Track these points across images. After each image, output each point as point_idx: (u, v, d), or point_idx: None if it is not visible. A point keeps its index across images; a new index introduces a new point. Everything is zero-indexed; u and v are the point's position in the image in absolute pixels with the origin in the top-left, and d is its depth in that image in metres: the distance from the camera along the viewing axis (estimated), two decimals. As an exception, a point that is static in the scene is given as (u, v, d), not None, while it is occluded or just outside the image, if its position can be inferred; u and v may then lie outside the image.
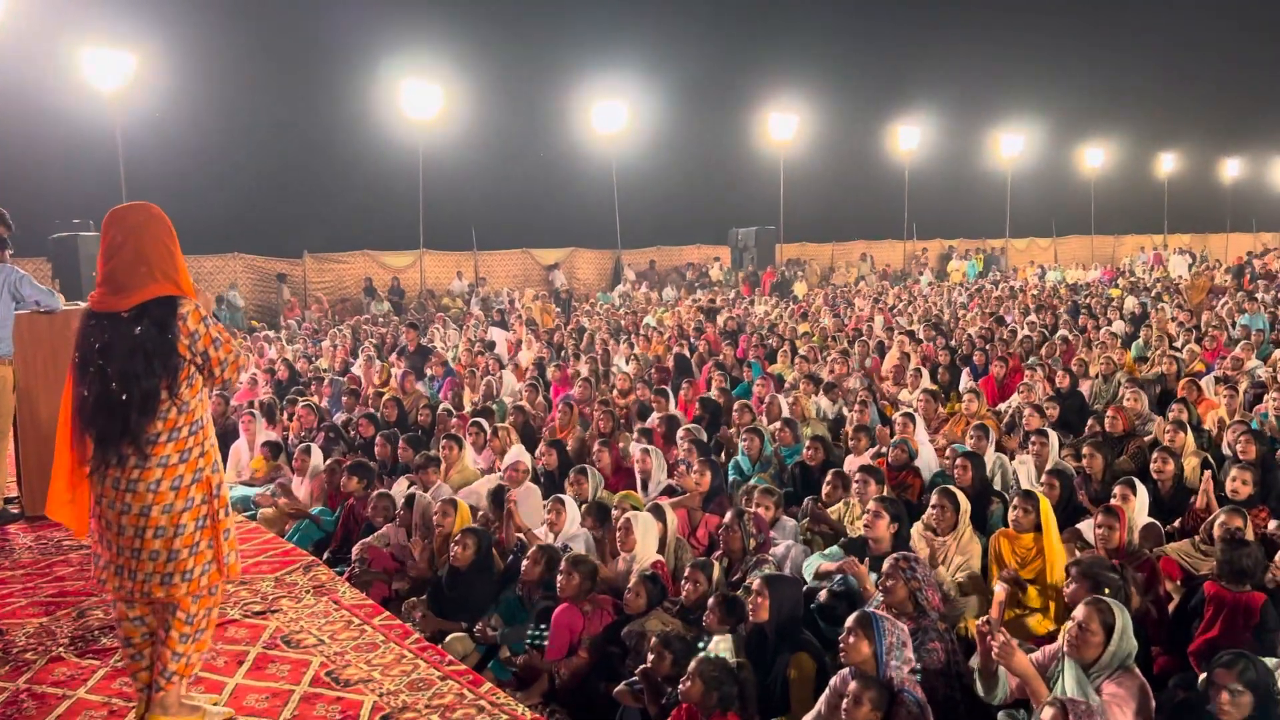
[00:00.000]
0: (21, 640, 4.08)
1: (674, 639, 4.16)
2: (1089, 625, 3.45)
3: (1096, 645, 3.43)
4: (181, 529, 3.13)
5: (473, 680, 3.71)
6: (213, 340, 3.17)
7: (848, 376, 10.31)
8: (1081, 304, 17.00)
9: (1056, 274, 29.18)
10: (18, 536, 5.66)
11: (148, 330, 3.06)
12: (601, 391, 9.89)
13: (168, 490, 3.10)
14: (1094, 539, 4.86)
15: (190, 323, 3.12)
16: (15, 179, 18.03)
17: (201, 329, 3.14)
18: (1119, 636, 3.43)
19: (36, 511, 5.98)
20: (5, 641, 4.07)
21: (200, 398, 3.20)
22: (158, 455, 3.09)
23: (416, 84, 24.58)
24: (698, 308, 18.70)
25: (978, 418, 7.88)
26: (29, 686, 3.65)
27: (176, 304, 3.12)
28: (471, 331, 16.69)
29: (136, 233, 3.14)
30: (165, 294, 3.11)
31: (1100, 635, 3.43)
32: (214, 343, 3.18)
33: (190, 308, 3.14)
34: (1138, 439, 6.98)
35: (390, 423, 8.80)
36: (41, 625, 4.24)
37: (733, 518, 5.27)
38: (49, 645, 4.02)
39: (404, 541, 5.94)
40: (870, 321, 16.00)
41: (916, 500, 6.20)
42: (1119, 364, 9.90)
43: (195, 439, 3.17)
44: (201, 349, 3.14)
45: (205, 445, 3.21)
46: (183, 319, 3.11)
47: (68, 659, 3.89)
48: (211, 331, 3.18)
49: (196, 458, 3.16)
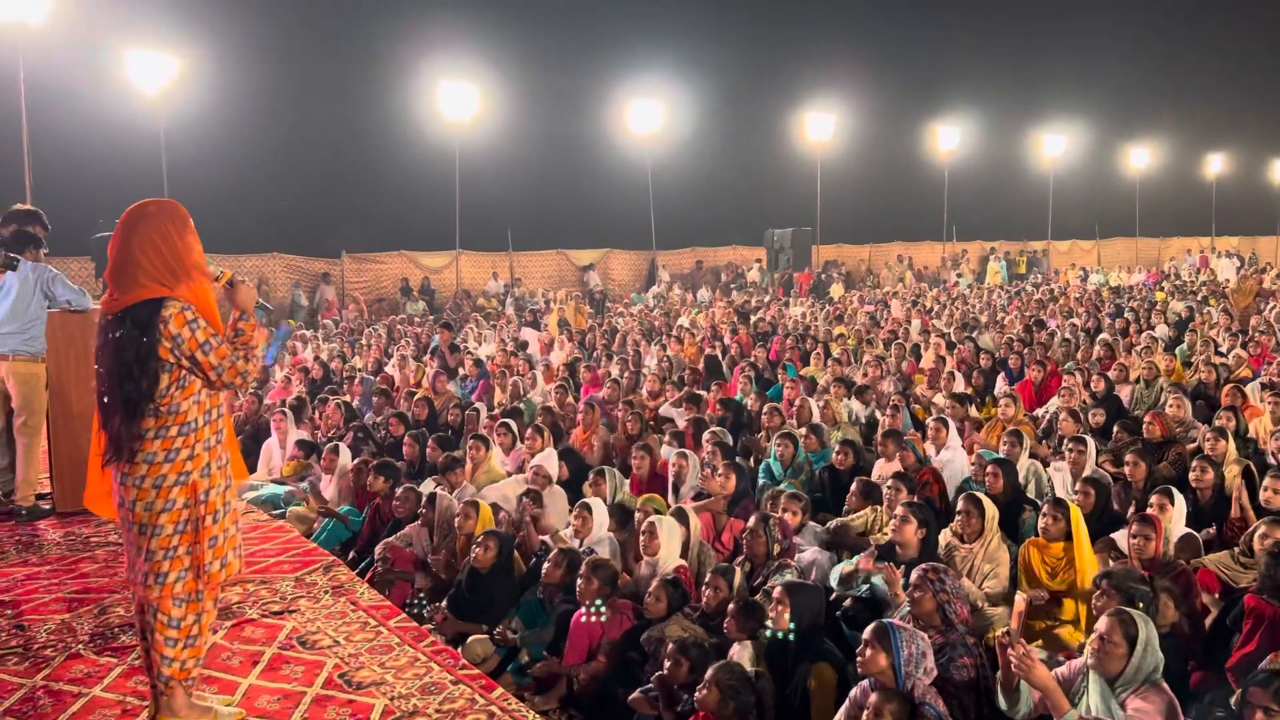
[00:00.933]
0: (43, 636, 4.11)
1: (692, 645, 4.09)
2: (1111, 636, 3.35)
3: (1119, 657, 3.33)
4: (158, 530, 3.11)
5: (485, 685, 3.67)
6: (199, 345, 3.08)
7: (881, 379, 10.17)
8: (1125, 307, 16.67)
9: (1099, 276, 28.68)
10: (47, 532, 5.72)
11: (129, 334, 3.03)
12: (631, 392, 9.84)
13: (149, 488, 3.09)
14: (1128, 549, 4.71)
15: (173, 326, 3.05)
16: (60, 179, 18.38)
17: (185, 333, 3.06)
18: (1142, 649, 3.32)
19: (67, 507, 6.07)
20: (26, 637, 4.10)
21: (197, 400, 3.15)
22: (144, 451, 3.08)
23: (453, 85, 24.71)
24: (733, 309, 18.60)
25: (1013, 423, 7.72)
26: (46, 683, 3.67)
27: (160, 307, 3.05)
28: (505, 332, 16.72)
29: (126, 233, 3.11)
30: (150, 297, 3.06)
31: (1123, 647, 3.33)
32: (202, 347, 3.09)
33: (175, 310, 3.06)
34: (1178, 446, 6.79)
35: (420, 422, 8.82)
36: (63, 622, 4.27)
37: (757, 522, 5.18)
38: (69, 642, 4.05)
39: (426, 541, 5.93)
40: (906, 324, 15.80)
41: (940, 505, 6.08)
42: (1161, 369, 9.67)
43: (185, 441, 3.12)
44: (188, 353, 3.07)
45: (196, 449, 3.14)
46: (164, 322, 3.04)
47: (86, 656, 3.91)
48: (198, 335, 3.08)
49: (184, 460, 3.11)
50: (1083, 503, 5.42)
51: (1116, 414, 8.56)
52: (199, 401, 3.16)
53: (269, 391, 11.60)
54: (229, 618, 4.36)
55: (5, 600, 4.54)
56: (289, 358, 13.98)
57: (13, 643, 4.04)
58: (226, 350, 3.14)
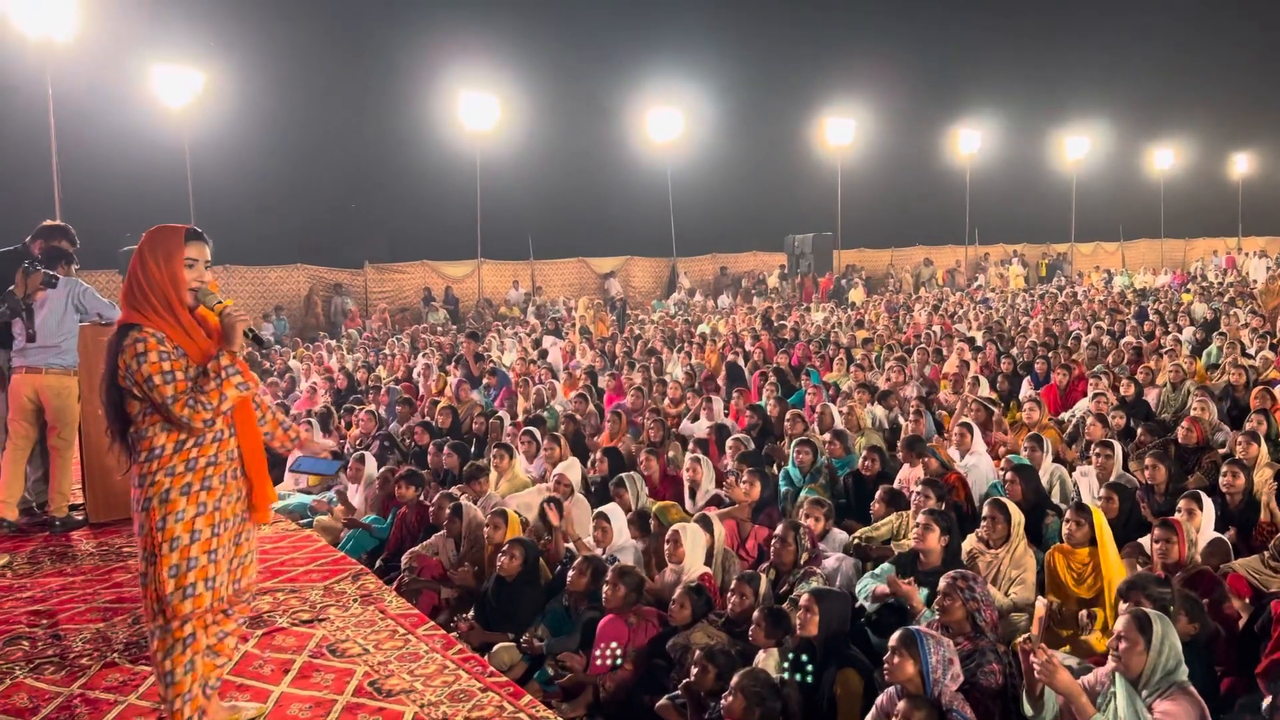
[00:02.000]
0: (78, 646, 4.18)
1: (718, 652, 4.10)
2: (1127, 634, 3.40)
3: (1139, 654, 3.36)
4: (139, 556, 3.14)
5: (513, 693, 3.70)
6: (146, 378, 2.99)
7: (904, 384, 10.14)
8: (1150, 310, 16.53)
9: (1124, 279, 28.45)
10: (81, 543, 5.81)
11: (107, 358, 3.08)
12: (654, 400, 9.87)
13: (136, 509, 3.14)
14: (1152, 554, 4.69)
15: (126, 354, 3.01)
16: (88, 193, 18.64)
17: (134, 364, 2.99)
18: (1159, 644, 3.35)
19: (99, 518, 6.16)
20: (63, 646, 4.17)
21: (167, 427, 3.07)
22: (133, 473, 3.14)
23: (474, 95, 24.88)
24: (756, 316, 18.59)
25: (1038, 427, 7.68)
26: (82, 692, 3.73)
27: (124, 334, 3.03)
28: (527, 340, 16.79)
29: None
30: (124, 322, 3.07)
31: (1140, 643, 3.36)
32: (147, 381, 3.00)
33: (131, 339, 3.02)
34: (1212, 452, 6.73)
35: (444, 431, 8.88)
36: (98, 631, 4.33)
37: (786, 529, 5.18)
38: (104, 651, 4.11)
39: (453, 550, 5.97)
40: (929, 329, 15.74)
41: (968, 510, 6.07)
42: (1188, 372, 9.59)
43: (149, 466, 3.07)
44: (141, 385, 3.01)
45: (158, 475, 3.07)
46: (121, 350, 3.02)
47: (121, 665, 3.97)
48: (146, 368, 2.98)
49: (147, 485, 3.07)
50: (1106, 508, 5.38)
51: (1145, 418, 8.50)
52: (169, 430, 3.08)
53: (295, 401, 11.71)
54: (260, 626, 4.42)
55: (42, 610, 4.62)
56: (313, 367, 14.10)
57: (49, 652, 4.11)
58: (169, 389, 3.01)
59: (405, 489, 6.77)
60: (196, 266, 3.17)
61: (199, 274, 3.18)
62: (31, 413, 6.10)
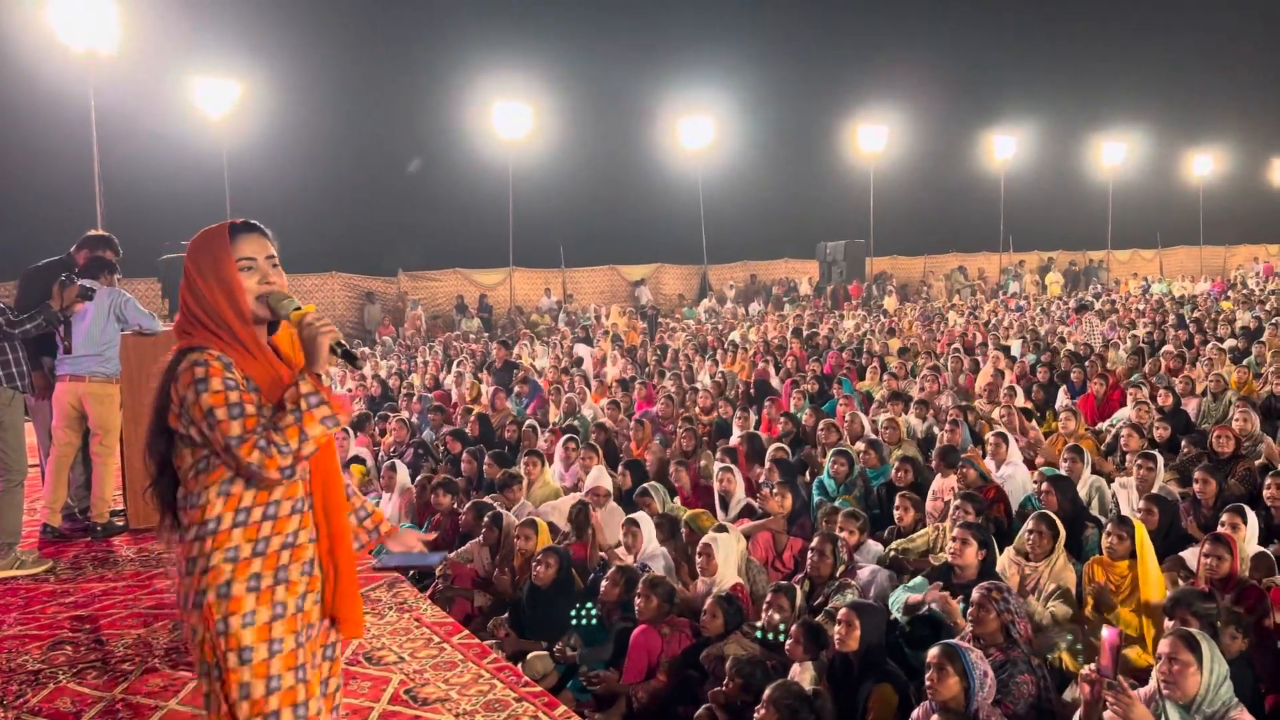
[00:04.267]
0: (120, 651, 4.25)
1: (750, 664, 4.10)
2: (1178, 656, 3.26)
3: (1192, 675, 3.23)
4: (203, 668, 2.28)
5: (548, 703, 3.71)
6: (206, 412, 2.17)
7: (939, 394, 10.06)
8: (1189, 318, 16.29)
9: (1162, 286, 28.06)
10: (121, 549, 5.91)
11: (157, 392, 2.28)
12: (685, 409, 9.86)
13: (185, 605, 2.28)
14: (1199, 569, 4.61)
15: (182, 383, 2.20)
16: (129, 202, 18.97)
17: (191, 394, 2.18)
18: (1210, 662, 3.24)
19: (140, 524, 6.26)
20: (105, 652, 4.24)
21: (225, 491, 2.23)
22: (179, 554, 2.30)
23: (507, 104, 25.07)
24: (785, 324, 18.54)
25: (1075, 437, 7.60)
26: (124, 696, 3.79)
27: (179, 360, 2.24)
28: (558, 348, 16.86)
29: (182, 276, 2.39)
30: (179, 346, 2.28)
31: (1194, 664, 3.23)
32: (208, 415, 2.17)
33: (189, 362, 2.21)
34: (1247, 461, 6.62)
35: (475, 439, 8.93)
36: (139, 636, 4.40)
37: (822, 541, 5.16)
38: (145, 656, 4.17)
39: (488, 559, 6.00)
40: (964, 337, 15.61)
41: (1007, 524, 6.01)
42: (1230, 381, 9.44)
43: (200, 546, 2.22)
44: (197, 424, 2.19)
45: (215, 559, 2.22)
46: (176, 378, 2.21)
47: (162, 670, 4.03)
48: (207, 399, 2.16)
49: (198, 573, 2.22)
50: (1147, 520, 5.31)
51: (1184, 428, 8.38)
52: (228, 495, 2.24)
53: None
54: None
55: (84, 615, 4.70)
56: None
57: (92, 656, 4.18)
58: (236, 428, 2.17)
59: (441, 497, 6.82)
60: (258, 266, 2.35)
61: (264, 275, 2.35)
62: (75, 420, 6.22)
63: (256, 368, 2.28)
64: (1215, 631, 3.75)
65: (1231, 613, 3.96)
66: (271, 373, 2.31)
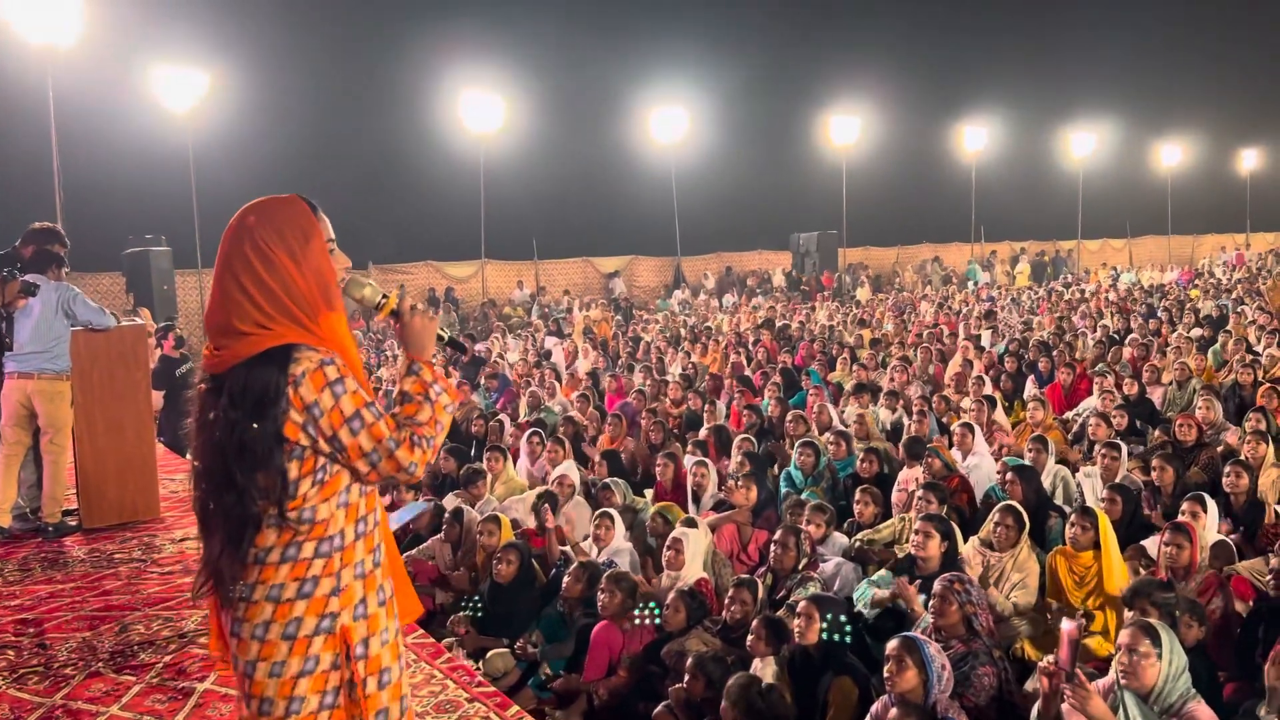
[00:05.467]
0: (64, 655, 4.13)
1: (710, 661, 4.05)
2: (1138, 646, 3.24)
3: (1153, 666, 3.22)
4: (296, 705, 1.99)
5: (501, 703, 3.63)
6: (347, 419, 1.98)
7: (909, 384, 10.06)
8: (1156, 307, 16.41)
9: (1131, 276, 28.29)
10: (73, 549, 5.77)
11: (233, 411, 1.96)
12: (657, 400, 9.80)
13: (278, 640, 1.98)
14: (1159, 558, 4.61)
15: (307, 390, 1.96)
16: (91, 195, 18.68)
17: (326, 399, 1.97)
18: (1170, 655, 3.23)
19: (93, 524, 6.12)
20: (48, 656, 4.12)
21: (344, 502, 2.04)
22: (266, 583, 1.98)
23: (477, 95, 24.86)
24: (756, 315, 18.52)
25: (1042, 427, 7.61)
26: (64, 703, 3.67)
27: (287, 360, 1.97)
28: (530, 341, 16.75)
29: (227, 254, 2.05)
30: (267, 347, 1.98)
31: (1153, 655, 3.22)
32: (349, 423, 1.98)
33: (310, 365, 1.97)
34: (1209, 449, 6.65)
35: (442, 434, 8.82)
36: (84, 640, 4.28)
37: (785, 534, 5.11)
38: (89, 660, 4.06)
39: (449, 555, 5.92)
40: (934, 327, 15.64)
41: (969, 512, 6.00)
42: (1194, 370, 9.49)
43: (326, 565, 2.00)
44: (328, 431, 1.98)
45: (345, 577, 2.02)
46: (295, 382, 1.96)
47: (106, 674, 3.91)
48: (345, 405, 1.98)
49: (327, 594, 2.00)
50: (1110, 510, 5.32)
51: (1149, 417, 8.42)
52: (347, 505, 2.05)
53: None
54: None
55: (29, 619, 4.57)
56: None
57: (34, 661, 4.06)
58: (385, 429, 2.02)
59: (404, 493, 6.73)
60: (337, 251, 2.15)
61: (342, 261, 2.16)
62: (24, 418, 6.07)
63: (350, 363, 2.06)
64: (1174, 621, 3.74)
65: (1187, 602, 3.95)
66: (360, 368, 2.10)
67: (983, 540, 5.12)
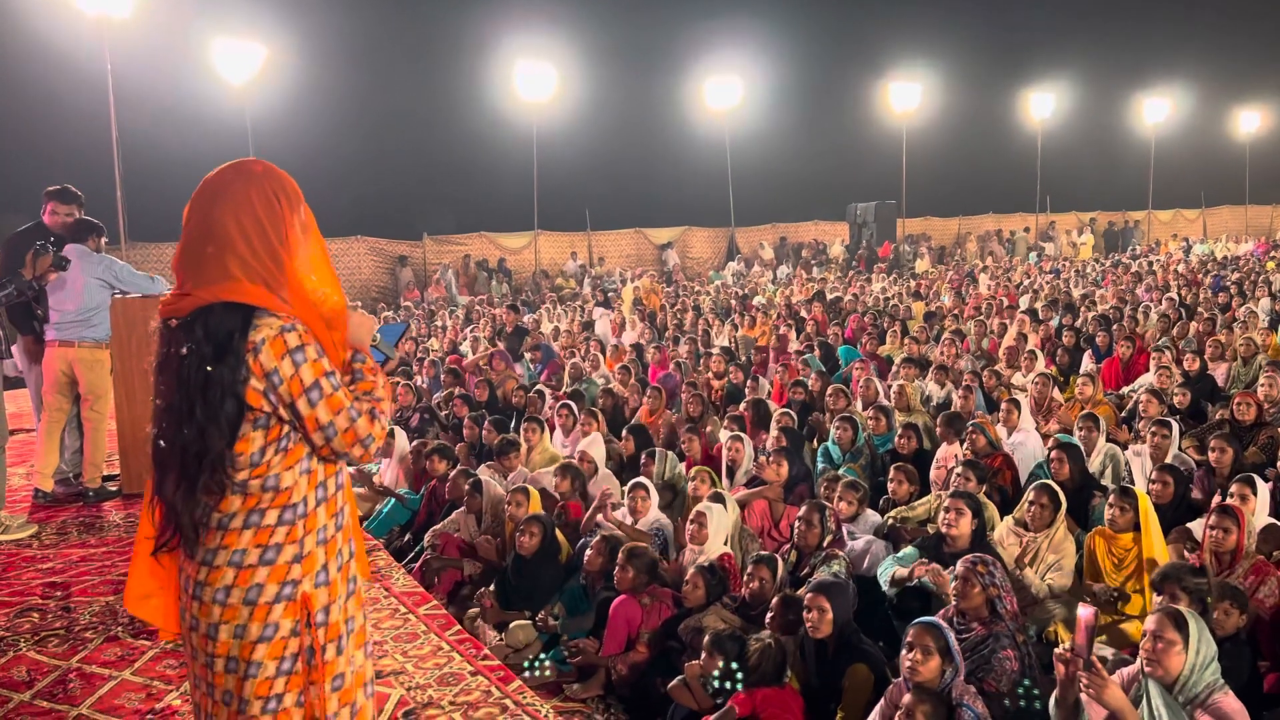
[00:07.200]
0: (86, 618, 4.20)
1: (727, 639, 3.96)
2: (1163, 634, 3.09)
3: (1177, 654, 3.06)
4: (254, 669, 2.00)
5: (503, 677, 3.60)
6: (306, 390, 1.98)
7: (958, 359, 9.79)
8: (1227, 279, 15.77)
9: (1204, 247, 27.26)
10: (111, 514, 5.89)
11: (198, 355, 1.95)
12: (698, 373, 9.69)
13: (239, 605, 1.99)
14: (1204, 541, 4.39)
15: (267, 356, 1.95)
16: (150, 168, 19.02)
17: (286, 368, 1.96)
18: (1196, 644, 3.06)
19: (133, 489, 6.23)
20: (70, 619, 4.19)
21: (306, 469, 2.05)
22: (230, 548, 2.00)
23: (531, 65, 24.77)
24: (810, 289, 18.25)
25: (1091, 404, 7.34)
26: (80, 666, 3.73)
27: (250, 321, 1.97)
28: (579, 313, 16.71)
29: (211, 199, 2.06)
30: (237, 300, 1.97)
31: (1179, 643, 3.06)
32: (308, 393, 1.98)
33: (271, 331, 1.96)
34: (1270, 428, 6.34)
35: (481, 404, 8.84)
36: (107, 604, 4.35)
37: (810, 510, 5.00)
38: (109, 624, 4.12)
39: (474, 527, 5.90)
40: (992, 300, 15.23)
41: (1011, 491, 5.80)
42: (1262, 345, 9.07)
43: (289, 532, 2.01)
44: (287, 398, 1.98)
45: (307, 544, 2.03)
46: (254, 349, 1.95)
47: (124, 639, 3.97)
48: (305, 374, 1.97)
49: (289, 561, 2.01)
50: (1160, 492, 5.10)
51: (1210, 394, 8.07)
52: (309, 471, 2.06)
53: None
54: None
55: (58, 582, 4.66)
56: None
57: (57, 624, 4.14)
58: (345, 399, 2.03)
59: (437, 463, 6.73)
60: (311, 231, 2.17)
61: None
62: (66, 385, 6.19)
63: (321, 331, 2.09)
64: (1205, 608, 3.55)
65: (1228, 588, 3.74)
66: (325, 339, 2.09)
67: (1018, 520, 4.94)
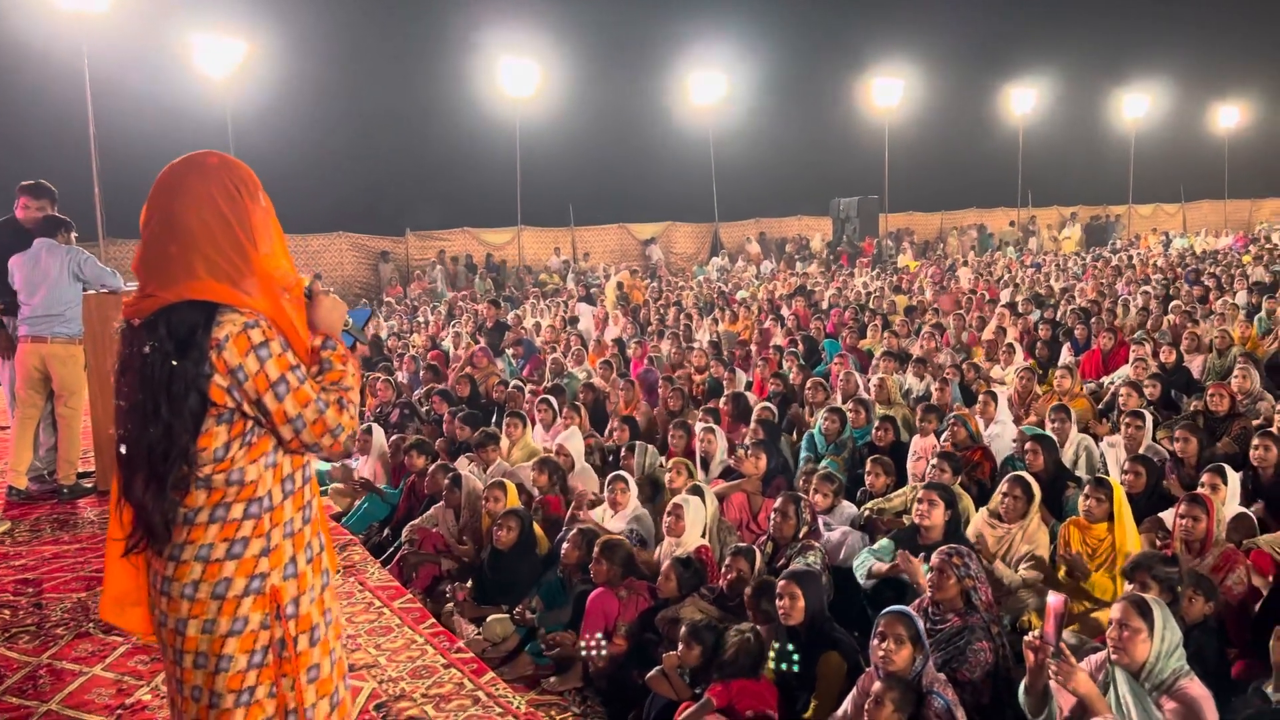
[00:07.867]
0: (57, 615, 4.17)
1: (704, 629, 3.98)
2: (1129, 622, 3.11)
3: (1142, 642, 3.09)
4: (225, 663, 2.01)
5: (476, 669, 3.60)
6: (272, 384, 2.00)
7: (937, 352, 9.85)
8: (1203, 273, 15.89)
9: (1183, 241, 27.45)
10: (85, 510, 5.85)
11: (161, 351, 1.96)
12: (682, 368, 9.70)
13: (207, 599, 2.01)
14: (1174, 530, 4.43)
15: (230, 353, 1.97)
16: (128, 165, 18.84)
17: (250, 364, 1.97)
18: (1161, 631, 3.10)
19: (107, 486, 6.18)
20: (41, 615, 4.17)
21: (271, 463, 2.06)
22: (195, 542, 2.01)
23: (514, 61, 24.69)
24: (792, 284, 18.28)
25: (1068, 396, 7.39)
26: (50, 662, 3.71)
27: (212, 319, 1.98)
28: (562, 308, 16.69)
29: (170, 195, 2.05)
30: (200, 299, 1.99)
31: (1144, 631, 3.09)
32: (275, 387, 2.00)
33: (235, 328, 1.97)
34: (1244, 419, 6.40)
35: (462, 399, 8.82)
36: (79, 600, 4.32)
37: (786, 502, 5.02)
38: (81, 620, 4.10)
39: (452, 522, 5.90)
40: (972, 294, 15.30)
41: (989, 483, 5.83)
42: (1237, 337, 9.15)
43: (255, 526, 2.03)
44: (252, 394, 1.99)
45: (275, 537, 2.05)
46: (217, 347, 1.96)
47: (94, 635, 3.95)
48: (270, 369, 1.99)
49: (256, 555, 2.03)
50: (1133, 482, 5.14)
51: (1185, 386, 8.14)
52: (274, 465, 2.07)
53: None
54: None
55: (30, 579, 4.63)
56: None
57: (28, 621, 4.12)
58: (312, 391, 2.05)
59: (415, 458, 6.71)
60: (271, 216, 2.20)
61: None
62: (39, 381, 6.15)
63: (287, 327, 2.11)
64: (1176, 597, 3.58)
65: (1196, 576, 3.78)
66: (291, 332, 2.11)
67: (991, 511, 4.97)
